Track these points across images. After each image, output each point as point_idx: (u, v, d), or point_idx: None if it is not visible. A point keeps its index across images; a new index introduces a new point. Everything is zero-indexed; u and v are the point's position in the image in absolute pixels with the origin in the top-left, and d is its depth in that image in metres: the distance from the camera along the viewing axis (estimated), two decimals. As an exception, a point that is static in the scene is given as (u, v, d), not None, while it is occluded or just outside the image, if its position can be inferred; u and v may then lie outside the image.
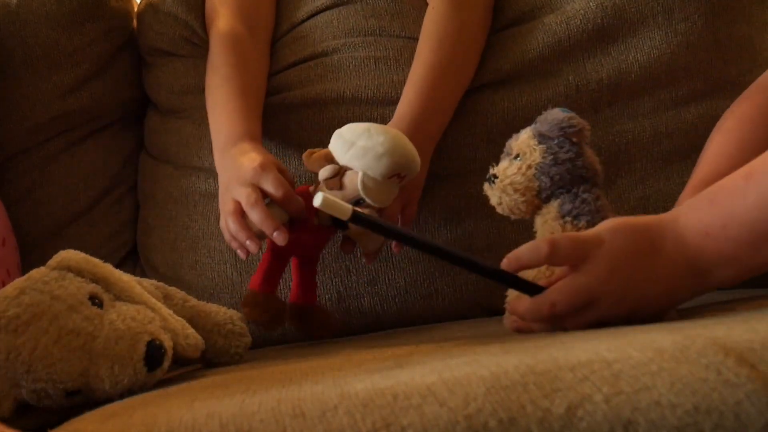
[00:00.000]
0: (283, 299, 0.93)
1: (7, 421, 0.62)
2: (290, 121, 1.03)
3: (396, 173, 0.81)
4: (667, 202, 0.97)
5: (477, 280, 1.00)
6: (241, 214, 0.84)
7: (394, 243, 0.93)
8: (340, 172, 0.83)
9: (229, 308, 0.83)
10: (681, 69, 1.02)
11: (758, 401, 0.39)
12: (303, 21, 1.11)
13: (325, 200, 0.64)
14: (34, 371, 0.60)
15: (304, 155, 0.86)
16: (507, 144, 0.78)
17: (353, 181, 0.81)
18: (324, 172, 0.83)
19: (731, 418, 0.39)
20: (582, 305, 0.63)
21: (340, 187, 0.82)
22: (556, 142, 0.74)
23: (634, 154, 1.01)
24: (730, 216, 0.61)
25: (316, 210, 0.73)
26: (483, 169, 0.79)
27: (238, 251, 0.86)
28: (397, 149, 0.81)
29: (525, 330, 0.69)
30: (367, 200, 0.81)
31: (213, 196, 1.05)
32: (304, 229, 0.86)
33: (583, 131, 0.75)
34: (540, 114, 0.78)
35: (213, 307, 0.82)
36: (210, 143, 0.98)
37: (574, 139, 0.74)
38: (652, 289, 0.63)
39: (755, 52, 1.05)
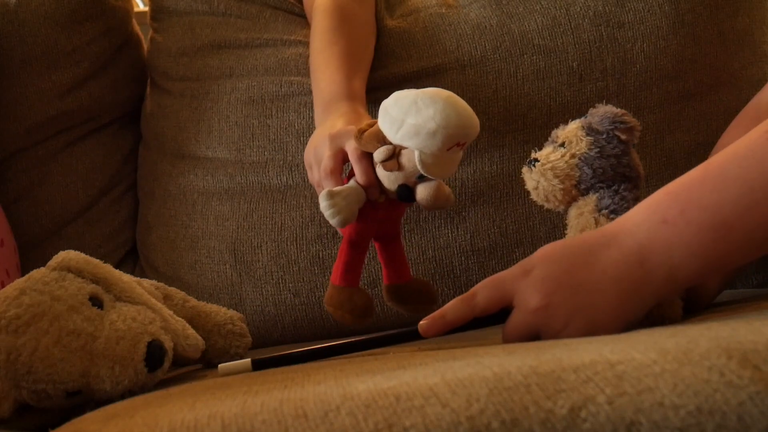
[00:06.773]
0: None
1: (7, 422, 0.62)
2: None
3: (455, 144, 0.74)
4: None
5: (477, 282, 0.99)
6: (330, 171, 0.80)
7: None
8: (395, 152, 0.77)
9: (228, 308, 0.83)
10: (687, 61, 1.01)
11: (761, 403, 0.39)
12: None
13: (221, 369, 0.68)
14: (35, 372, 0.60)
15: (354, 136, 0.79)
16: (553, 132, 0.77)
17: (411, 160, 0.76)
18: (379, 155, 0.77)
19: (734, 420, 0.39)
20: (530, 338, 0.61)
21: (399, 167, 0.77)
22: (604, 136, 0.73)
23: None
24: (687, 201, 0.58)
25: (381, 187, 0.77)
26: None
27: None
28: (450, 121, 0.73)
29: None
30: (429, 177, 0.76)
31: (211, 194, 1.05)
32: (375, 209, 0.81)
33: (634, 130, 0.73)
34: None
35: (213, 308, 0.82)
36: (208, 128, 0.97)
37: (623, 137, 0.73)
38: (602, 299, 0.58)
39: (755, 46, 1.05)
